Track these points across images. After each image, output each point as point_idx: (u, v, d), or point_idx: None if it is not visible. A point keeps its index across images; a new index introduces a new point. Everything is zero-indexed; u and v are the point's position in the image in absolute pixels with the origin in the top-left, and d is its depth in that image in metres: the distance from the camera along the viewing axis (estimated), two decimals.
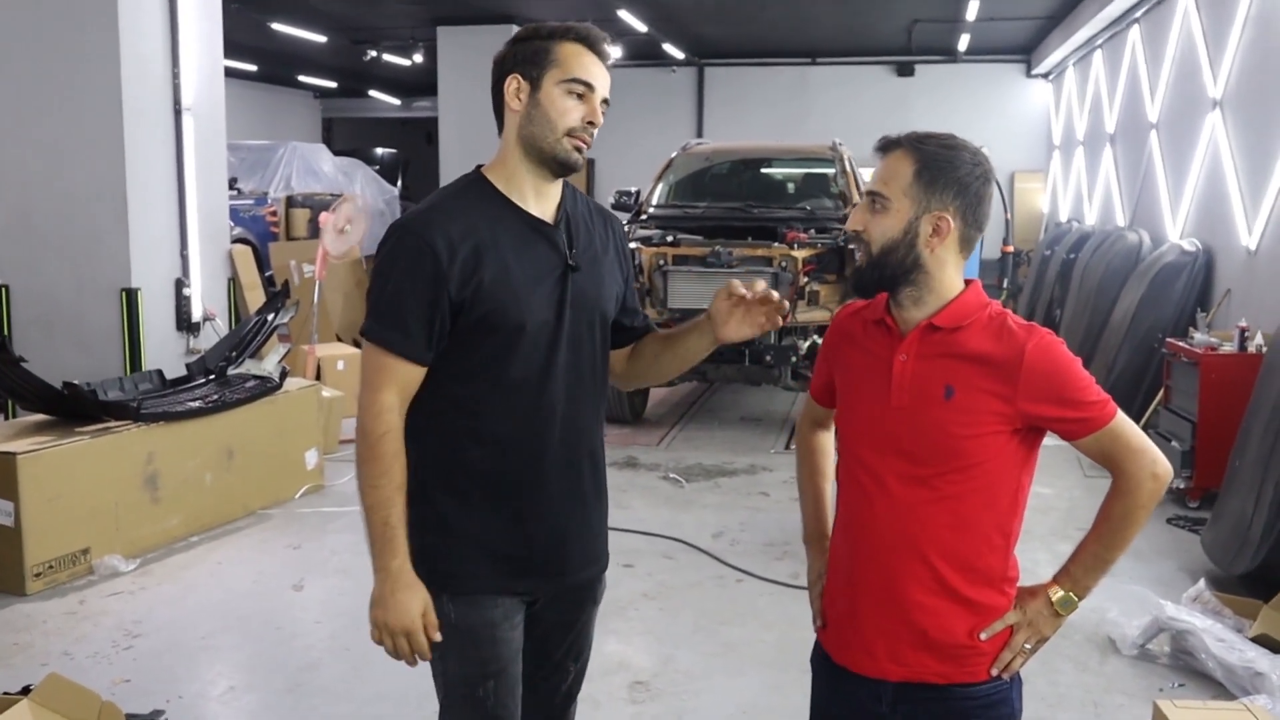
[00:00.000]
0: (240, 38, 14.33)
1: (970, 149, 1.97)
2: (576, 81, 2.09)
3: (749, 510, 6.24)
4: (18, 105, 6.79)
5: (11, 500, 4.76)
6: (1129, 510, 1.94)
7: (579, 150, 2.11)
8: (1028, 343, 1.90)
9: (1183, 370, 6.46)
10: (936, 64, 17.46)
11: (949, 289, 1.97)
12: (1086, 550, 2.00)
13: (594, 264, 2.21)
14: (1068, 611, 2.00)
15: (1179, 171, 9.23)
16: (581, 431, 2.20)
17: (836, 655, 2.09)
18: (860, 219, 1.99)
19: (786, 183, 9.93)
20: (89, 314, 6.76)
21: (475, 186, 2.16)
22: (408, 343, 2.05)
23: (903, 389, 1.96)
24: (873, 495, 1.99)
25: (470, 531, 2.14)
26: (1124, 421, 1.94)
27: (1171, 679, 4.09)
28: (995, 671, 1.97)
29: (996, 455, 1.92)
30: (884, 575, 1.99)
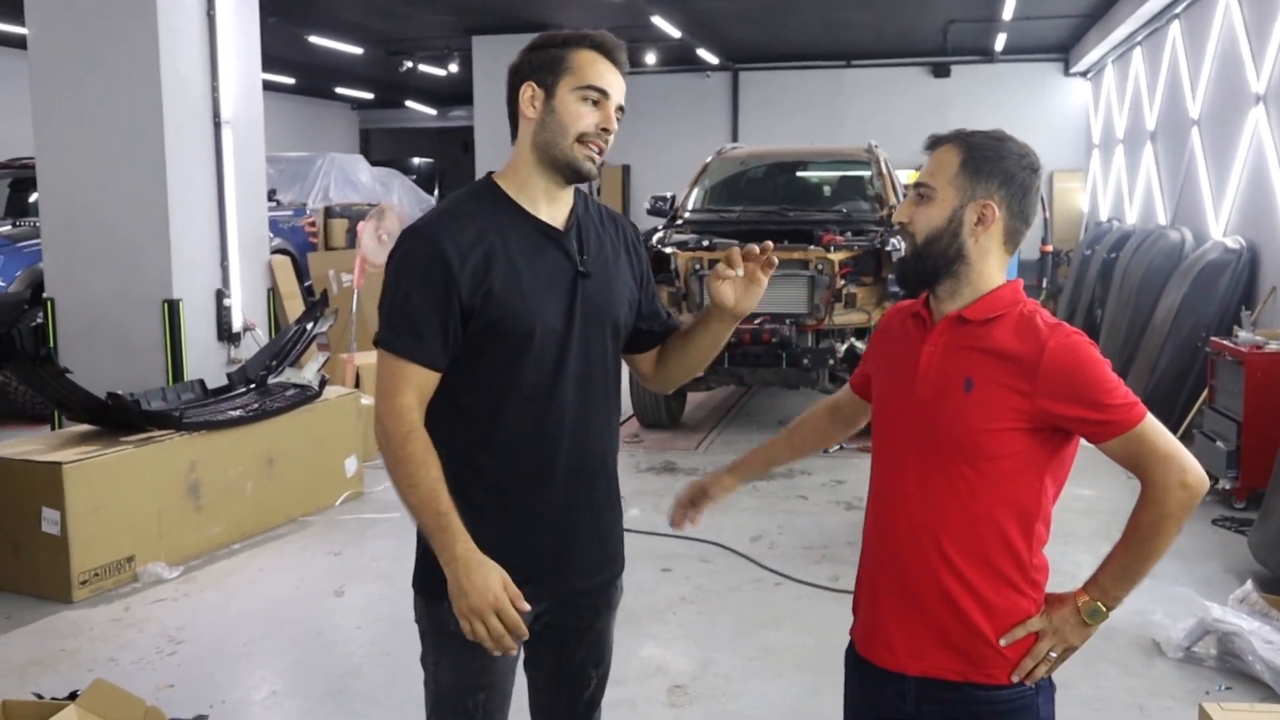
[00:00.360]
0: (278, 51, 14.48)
1: (1017, 143, 1.98)
2: (591, 88, 2.10)
3: (787, 514, 6.21)
4: (60, 121, 6.89)
5: (58, 509, 4.83)
6: (1157, 520, 1.89)
7: (591, 159, 2.11)
8: (1050, 340, 1.87)
9: (1227, 369, 6.37)
10: (973, 64, 17.33)
11: (987, 282, 1.96)
12: (1115, 561, 1.96)
13: (605, 270, 2.20)
14: (1096, 622, 1.96)
15: (1221, 168, 9.10)
16: (592, 439, 2.20)
17: (862, 648, 2.10)
18: (906, 211, 2.00)
19: (822, 185, 9.90)
20: (132, 325, 6.84)
21: (486, 193, 2.16)
22: (421, 348, 2.05)
23: (927, 380, 1.97)
24: (895, 487, 2.01)
25: (476, 539, 2.09)
26: (1152, 426, 1.88)
27: (1218, 681, 4.03)
28: (1016, 678, 1.95)
29: (1016, 453, 1.90)
30: (903, 569, 1.99)
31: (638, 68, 17.60)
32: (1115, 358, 9.32)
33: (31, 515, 4.86)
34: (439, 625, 2.14)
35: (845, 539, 5.72)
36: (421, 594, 2.21)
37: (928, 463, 1.95)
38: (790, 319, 7.58)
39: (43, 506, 4.85)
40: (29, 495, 4.88)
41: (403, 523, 6.48)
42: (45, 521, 4.85)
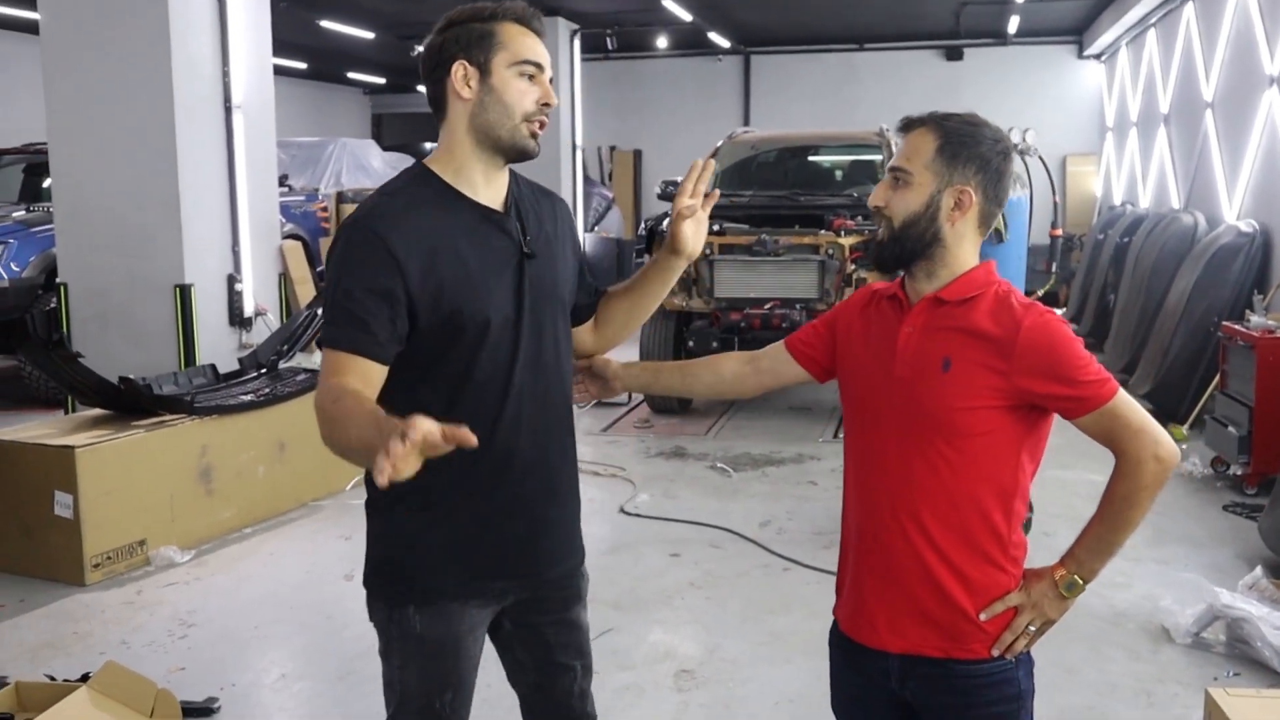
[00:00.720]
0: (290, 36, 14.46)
1: (991, 127, 2.01)
2: (527, 63, 2.03)
3: (796, 499, 6.22)
4: (71, 106, 6.91)
5: (71, 493, 4.87)
6: (1131, 492, 1.93)
7: (535, 135, 2.06)
8: (1025, 319, 1.91)
9: (1239, 354, 6.34)
10: (986, 47, 17.21)
11: (962, 264, 2.00)
12: (1090, 533, 1.99)
13: (549, 249, 2.16)
14: (1073, 595, 1.99)
15: (1235, 151, 9.04)
16: (551, 424, 2.16)
17: (845, 626, 2.12)
18: (882, 195, 2.02)
19: (833, 170, 9.88)
20: (143, 310, 6.87)
21: (422, 179, 2.07)
22: (367, 339, 1.92)
23: (905, 360, 2.00)
24: (874, 466, 2.04)
25: (440, 539, 2.07)
26: (1125, 401, 1.92)
27: (1227, 667, 4.03)
28: (996, 652, 1.98)
29: (994, 430, 1.93)
30: (884, 547, 2.02)
31: (648, 51, 17.57)
32: (1128, 342, 9.28)
33: (44, 499, 4.90)
34: (405, 629, 2.10)
35: None
36: (383, 600, 2.14)
37: (907, 441, 1.98)
38: (801, 303, 7.57)
39: (55, 490, 4.88)
40: (42, 479, 4.92)
41: None
42: (58, 505, 4.89)
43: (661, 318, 8.04)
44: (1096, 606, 4.54)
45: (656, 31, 15.97)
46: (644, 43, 16.82)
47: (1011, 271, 5.06)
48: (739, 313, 7.64)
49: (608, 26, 15.04)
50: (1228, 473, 6.37)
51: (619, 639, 4.33)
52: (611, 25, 15.01)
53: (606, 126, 18.20)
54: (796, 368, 2.25)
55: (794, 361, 2.26)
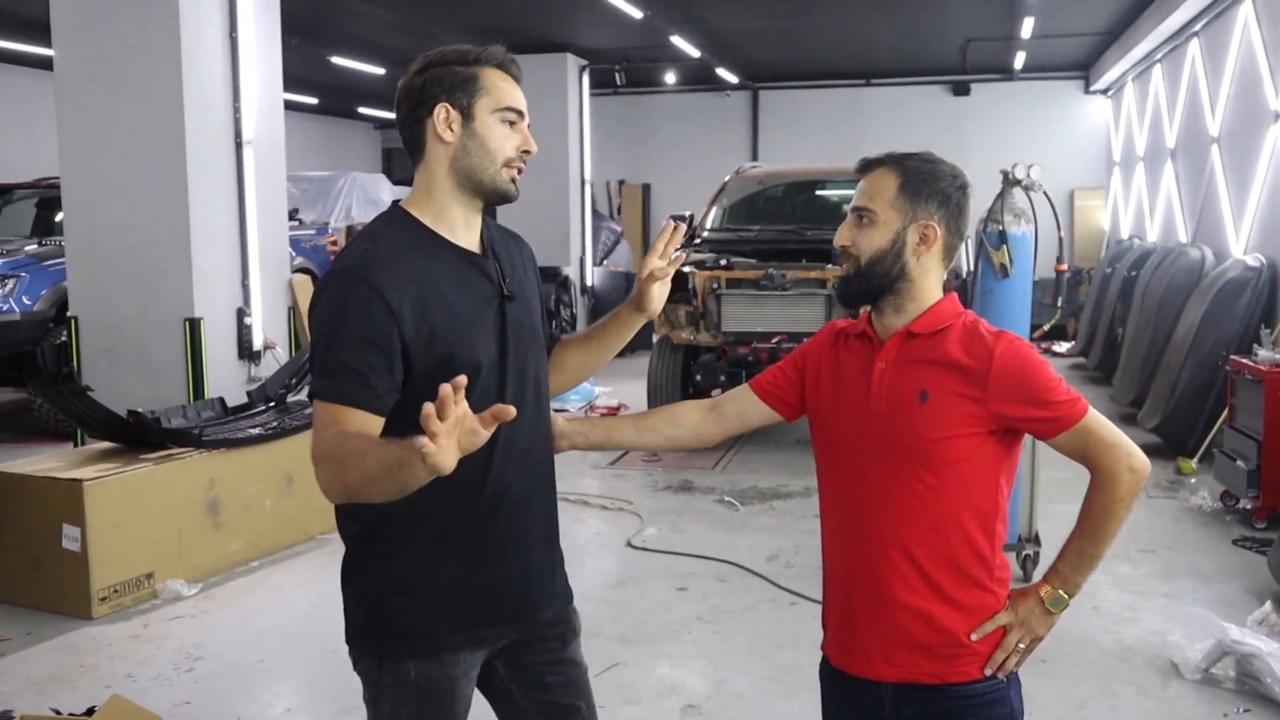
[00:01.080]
0: (301, 72, 14.61)
1: (948, 165, 2.09)
2: (509, 110, 2.03)
3: (803, 533, 6.20)
4: (84, 141, 6.98)
5: (78, 526, 4.88)
6: (1108, 504, 2.00)
7: (514, 182, 2.06)
8: (996, 347, 1.98)
9: (1247, 388, 6.33)
10: (992, 82, 17.30)
11: (928, 297, 2.07)
12: (1071, 548, 2.06)
13: (523, 290, 2.16)
14: (1059, 609, 2.05)
15: (1242, 186, 9.06)
16: (537, 464, 2.16)
17: (836, 660, 2.15)
18: (847, 234, 2.08)
19: (840, 204, 9.89)
20: (154, 343, 6.90)
21: (401, 223, 2.04)
22: (366, 392, 1.87)
23: (880, 395, 2.04)
24: (857, 500, 2.07)
25: (433, 588, 2.05)
26: (1096, 418, 2.00)
27: (1236, 704, 4.00)
28: (989, 671, 2.03)
29: (972, 457, 2.00)
30: (873, 578, 2.06)
31: (657, 87, 17.68)
32: (1136, 376, 9.27)
33: (53, 532, 4.92)
34: (399, 678, 2.06)
35: None
36: (374, 655, 2.09)
37: (888, 474, 2.02)
38: (808, 338, 7.57)
39: (63, 523, 4.90)
40: (50, 512, 4.94)
41: None
42: (66, 538, 4.90)
43: (669, 352, 8.06)
44: (1105, 641, 4.52)
45: (665, 67, 16.08)
46: (652, 78, 16.94)
47: (1017, 305, 5.07)
48: (746, 346, 7.66)
49: (616, 62, 15.15)
50: (1237, 507, 6.34)
51: (625, 673, 4.31)
52: (620, 61, 15.12)
53: (615, 161, 18.31)
54: (764, 409, 2.27)
55: (761, 403, 2.27)
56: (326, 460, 1.82)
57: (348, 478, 1.78)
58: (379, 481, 1.71)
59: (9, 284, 8.40)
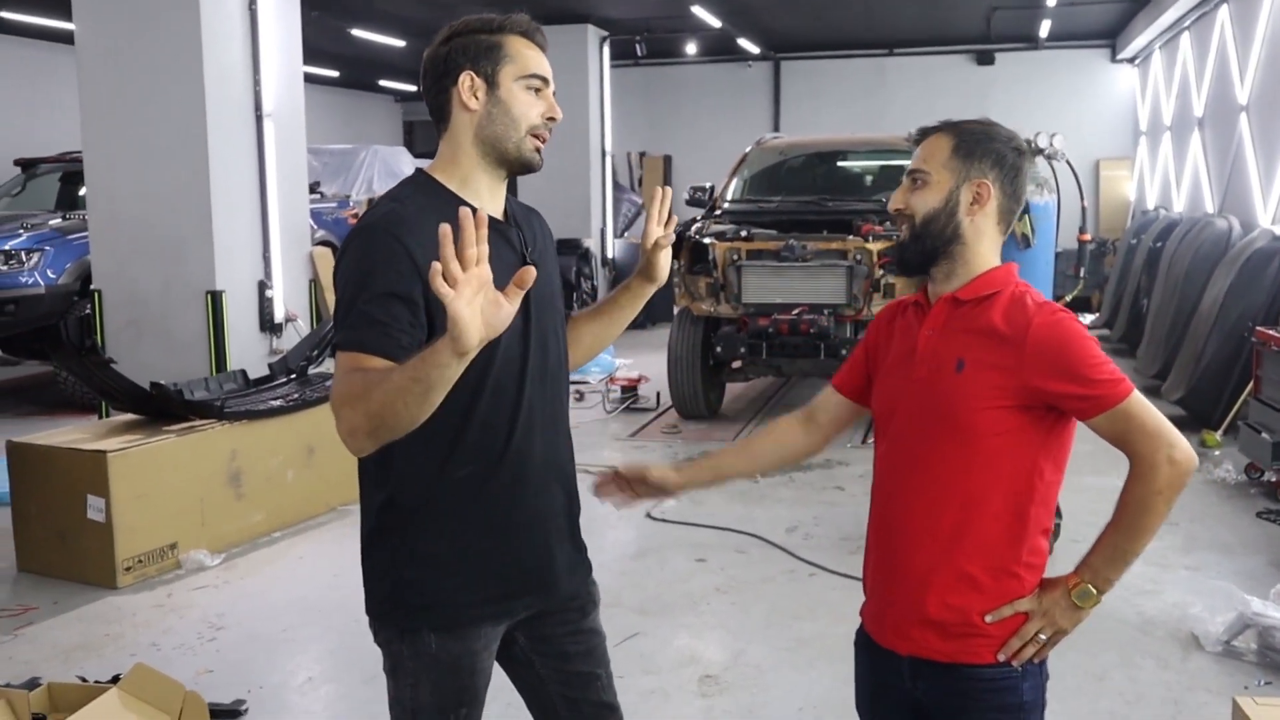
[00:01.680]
0: (321, 45, 14.59)
1: (1006, 130, 2.05)
2: (534, 77, 2.02)
3: (823, 505, 6.20)
4: (105, 115, 7.01)
5: (103, 497, 4.93)
6: (1145, 497, 1.90)
7: (539, 150, 2.05)
8: (1035, 317, 1.91)
9: (1273, 359, 6.27)
10: (1017, 51, 17.10)
11: (982, 263, 2.02)
12: (1105, 540, 1.96)
13: (545, 260, 2.15)
14: (1086, 604, 1.96)
15: (1270, 155, 8.95)
16: (558, 434, 2.16)
17: (866, 624, 2.15)
18: (901, 198, 2.05)
19: (863, 175, 9.84)
20: (176, 316, 6.95)
21: (428, 187, 2.04)
22: (388, 341, 1.83)
23: (923, 361, 2.01)
24: (893, 468, 2.06)
25: (458, 560, 2.04)
26: (1139, 403, 1.89)
27: (1257, 676, 3.98)
28: (1002, 657, 1.96)
29: (1005, 432, 1.92)
30: (897, 548, 2.04)
31: (678, 58, 17.57)
32: (1161, 348, 9.19)
33: (78, 503, 4.97)
34: (419, 650, 2.06)
35: None
36: (395, 627, 2.08)
37: (923, 443, 1.99)
38: (828, 309, 7.55)
39: (88, 494, 4.95)
40: (75, 483, 4.99)
41: None
42: (91, 509, 4.95)
43: (690, 324, 8.04)
44: (1126, 614, 4.50)
45: (686, 38, 15.98)
46: (673, 49, 16.84)
47: (1039, 276, 5.03)
48: (766, 318, 7.62)
49: (637, 33, 15.07)
50: (1261, 479, 6.29)
51: (644, 643, 4.33)
52: (641, 32, 15.04)
53: (636, 132, 18.23)
54: (851, 405, 2.25)
55: (846, 400, 2.26)
56: (347, 399, 1.78)
57: (371, 404, 1.73)
58: (405, 392, 1.68)
59: (34, 258, 8.46)
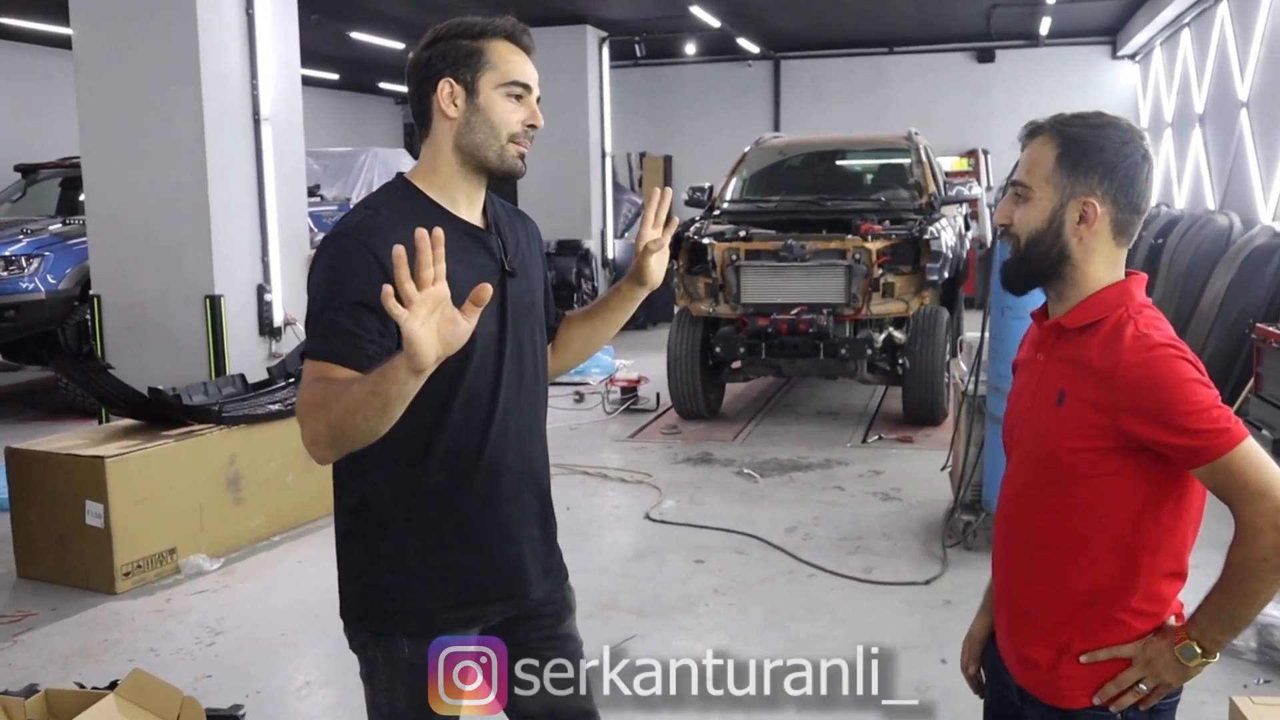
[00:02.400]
0: (321, 48, 14.61)
1: (1120, 126, 1.85)
2: (515, 84, 1.99)
3: (823, 505, 6.19)
4: (103, 120, 7.02)
5: (101, 502, 4.93)
6: (1246, 562, 1.71)
7: (521, 157, 2.02)
8: (1128, 353, 1.74)
9: (1274, 356, 6.26)
10: (1018, 49, 17.09)
11: (1093, 283, 1.85)
12: (1212, 601, 1.79)
13: (526, 267, 2.14)
14: (1190, 662, 1.79)
15: (1271, 151, 8.93)
16: (533, 442, 2.15)
17: (996, 636, 2.09)
18: (1006, 212, 1.90)
19: (862, 174, 9.84)
20: (175, 321, 6.96)
21: (405, 194, 2.03)
22: (355, 351, 1.83)
23: (1032, 390, 1.92)
24: (1008, 495, 1.98)
25: (428, 567, 2.04)
26: (1245, 457, 1.69)
27: (1256, 674, 3.97)
28: (1098, 700, 1.85)
29: (1109, 474, 1.78)
30: (1006, 578, 2.00)
31: (677, 58, 17.56)
32: None
33: (76, 508, 4.97)
34: (392, 655, 2.07)
35: (881, 530, 5.69)
36: (368, 630, 2.09)
37: (1030, 477, 1.90)
38: (828, 309, 7.55)
39: (87, 500, 4.95)
40: (74, 489, 4.99)
41: None
42: (89, 515, 4.95)
43: (689, 324, 8.04)
44: None
45: (685, 38, 15.97)
46: (673, 49, 16.83)
47: None
48: (766, 318, 7.62)
49: (636, 34, 15.07)
50: None
51: (642, 646, 4.32)
52: (640, 32, 15.04)
53: (636, 133, 18.23)
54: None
55: None
56: (310, 408, 1.80)
57: (331, 414, 1.75)
58: (364, 406, 1.69)
59: (34, 263, 8.47)
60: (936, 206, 8.46)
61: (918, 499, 6.20)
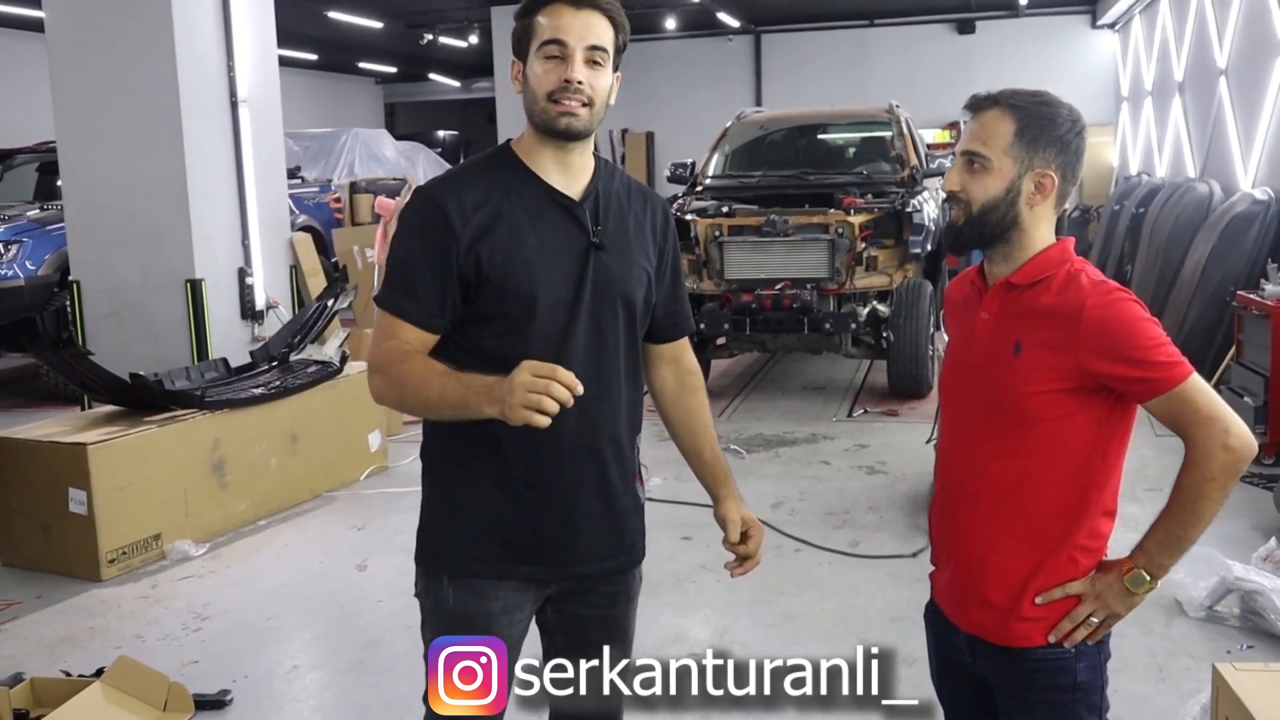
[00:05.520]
0: (299, 28, 14.50)
1: (1066, 105, 1.99)
2: (548, 43, 2.03)
3: (809, 480, 6.21)
4: (79, 104, 6.94)
5: (84, 489, 4.90)
6: (1198, 483, 1.87)
7: (568, 114, 2.03)
8: (1090, 297, 1.89)
9: (1254, 323, 6.29)
10: (998, 19, 17.08)
11: (1038, 244, 1.99)
12: (1159, 526, 1.94)
13: (624, 245, 2.13)
14: (1139, 589, 1.94)
15: (1250, 119, 8.94)
16: (602, 418, 2.12)
17: (935, 594, 2.18)
18: (958, 179, 2.00)
19: (844, 148, 9.82)
20: (156, 305, 6.91)
21: (500, 157, 2.14)
22: (415, 307, 2.03)
23: (981, 346, 2.01)
24: (953, 449, 2.08)
25: (477, 510, 2.11)
26: (1196, 387, 1.86)
27: (1240, 641, 4.01)
28: (1053, 639, 1.96)
29: (1064, 415, 1.91)
30: (955, 528, 2.07)
31: (658, 33, 17.49)
32: None
33: (59, 496, 4.94)
34: (438, 602, 2.15)
35: (866, 504, 5.71)
36: (421, 567, 2.21)
37: (981, 426, 2.00)
38: (811, 283, 7.54)
39: (70, 487, 4.92)
40: (56, 476, 4.96)
41: None
42: (73, 502, 4.93)
43: None
44: None
45: (665, 13, 15.91)
46: (653, 24, 16.76)
47: None
48: (750, 294, 7.61)
49: None
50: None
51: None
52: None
53: (618, 109, 18.08)
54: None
55: None
56: (384, 371, 2.01)
57: (405, 397, 2.02)
58: (436, 409, 1.98)
59: (12, 250, 8.42)
60: (918, 179, 8.46)
61: (903, 472, 6.23)
